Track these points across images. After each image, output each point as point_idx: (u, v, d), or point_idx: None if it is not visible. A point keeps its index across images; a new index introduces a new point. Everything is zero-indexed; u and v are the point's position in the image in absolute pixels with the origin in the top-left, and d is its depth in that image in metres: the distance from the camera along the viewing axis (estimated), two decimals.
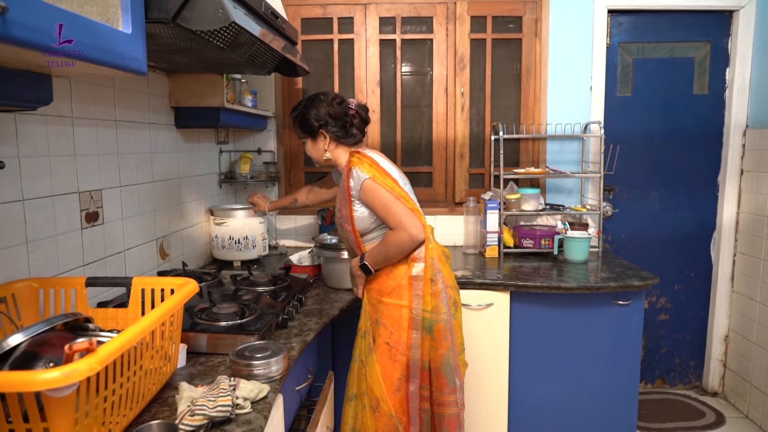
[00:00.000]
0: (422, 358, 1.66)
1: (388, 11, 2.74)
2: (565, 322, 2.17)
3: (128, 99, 1.84)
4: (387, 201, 1.64)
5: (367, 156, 1.72)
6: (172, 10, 1.18)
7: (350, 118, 1.76)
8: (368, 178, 1.65)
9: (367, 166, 1.68)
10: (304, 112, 1.79)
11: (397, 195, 1.65)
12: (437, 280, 1.67)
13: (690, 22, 2.78)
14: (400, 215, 1.63)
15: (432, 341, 1.65)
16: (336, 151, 1.80)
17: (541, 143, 2.80)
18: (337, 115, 1.76)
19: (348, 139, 1.79)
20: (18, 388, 0.75)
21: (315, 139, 1.80)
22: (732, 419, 2.73)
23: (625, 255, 2.91)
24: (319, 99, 1.78)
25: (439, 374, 1.66)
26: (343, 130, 1.77)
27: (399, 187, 1.69)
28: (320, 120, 1.76)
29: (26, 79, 1.05)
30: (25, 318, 1.25)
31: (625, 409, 2.22)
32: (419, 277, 1.66)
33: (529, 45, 2.74)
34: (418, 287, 1.66)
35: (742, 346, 2.80)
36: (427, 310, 1.65)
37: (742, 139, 2.79)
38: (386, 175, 1.69)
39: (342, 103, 1.77)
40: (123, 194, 1.80)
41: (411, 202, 1.70)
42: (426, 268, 1.66)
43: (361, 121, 1.80)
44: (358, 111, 1.78)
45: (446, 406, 1.67)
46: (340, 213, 1.76)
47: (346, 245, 1.89)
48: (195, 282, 1.25)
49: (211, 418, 1.03)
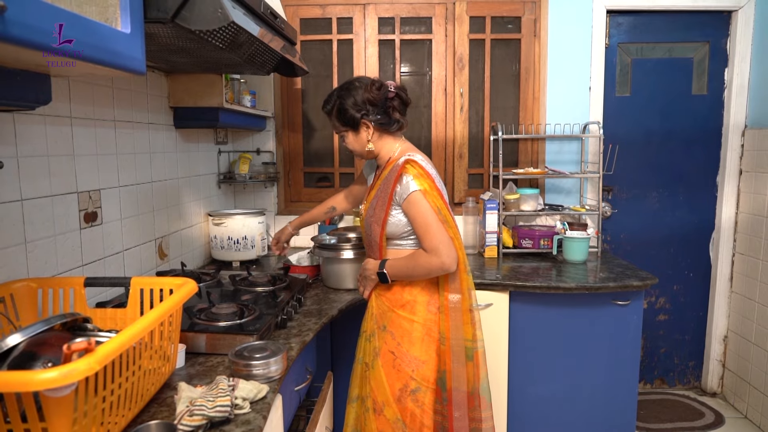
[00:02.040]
0: (467, 387, 1.63)
1: (387, 11, 2.74)
2: (564, 323, 2.17)
3: (127, 99, 1.84)
4: (429, 221, 1.53)
5: (422, 167, 1.59)
6: (171, 9, 1.18)
7: (391, 102, 1.63)
8: (418, 190, 1.54)
9: (421, 178, 1.56)
10: (340, 103, 1.64)
11: (442, 218, 1.55)
12: (475, 310, 1.64)
13: (689, 22, 2.78)
14: (438, 240, 1.53)
15: (474, 368, 1.64)
16: (380, 141, 1.67)
17: (540, 143, 2.80)
18: (377, 101, 1.61)
19: (392, 126, 1.65)
20: (16, 388, 0.75)
21: (357, 130, 1.66)
22: (731, 419, 2.73)
23: (624, 255, 2.91)
24: (354, 86, 1.64)
25: (479, 396, 1.65)
26: (386, 117, 1.63)
27: (447, 210, 1.59)
28: (360, 109, 1.62)
29: (25, 78, 1.05)
30: (23, 318, 1.25)
31: (625, 410, 2.22)
32: (457, 308, 1.61)
33: (528, 45, 2.75)
34: (456, 318, 1.61)
35: (741, 347, 2.80)
36: (468, 339, 1.62)
37: (740, 140, 2.79)
38: (438, 192, 1.58)
39: (381, 87, 1.62)
40: (122, 194, 1.80)
41: (454, 229, 1.60)
42: (463, 299, 1.62)
43: (402, 103, 1.65)
44: (397, 93, 1.63)
45: (484, 421, 1.66)
46: (373, 211, 1.65)
47: (365, 240, 1.77)
48: (194, 282, 1.25)
49: (209, 419, 1.02)
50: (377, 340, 1.66)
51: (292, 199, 2.95)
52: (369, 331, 1.70)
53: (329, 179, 2.94)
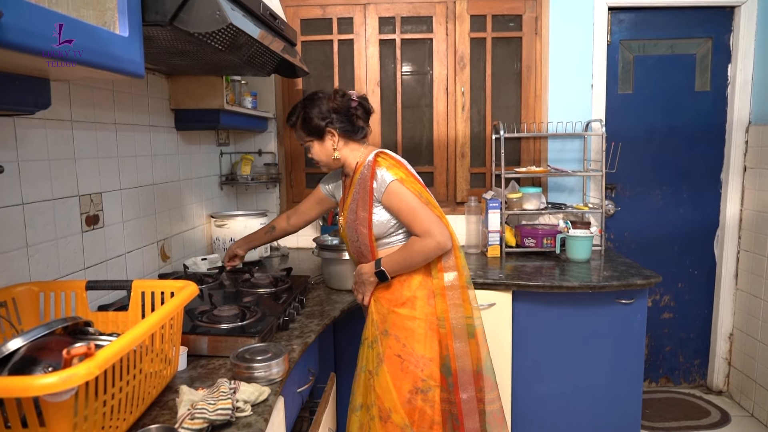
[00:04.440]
0: (471, 366, 1.62)
1: (388, 11, 2.74)
2: (567, 322, 2.16)
3: (128, 102, 1.84)
4: (414, 206, 1.56)
5: (393, 157, 1.65)
6: (169, 12, 1.18)
7: (354, 110, 1.68)
8: (395, 180, 1.57)
9: (395, 168, 1.60)
10: (305, 113, 1.68)
11: (425, 200, 1.59)
12: (471, 286, 1.65)
13: (691, 18, 2.77)
14: (428, 222, 1.55)
15: (476, 345, 1.64)
16: (346, 148, 1.69)
17: (542, 142, 2.79)
18: (341, 109, 1.66)
19: (356, 134, 1.69)
20: (16, 394, 0.75)
21: (322, 139, 1.68)
22: (737, 418, 2.71)
23: (627, 253, 2.90)
24: (318, 97, 1.69)
25: (483, 376, 1.65)
26: (350, 124, 1.67)
27: (427, 192, 1.63)
28: (325, 117, 1.65)
29: (24, 83, 1.05)
30: (25, 322, 1.25)
31: (630, 409, 2.21)
32: (454, 286, 1.62)
33: (530, 43, 2.74)
34: (454, 296, 1.62)
35: (747, 344, 2.78)
36: (469, 316, 1.62)
37: (744, 136, 2.77)
38: (414, 177, 1.62)
39: (344, 95, 1.67)
40: (123, 197, 1.80)
41: (438, 209, 1.63)
42: (459, 276, 1.63)
43: (365, 111, 1.71)
44: (360, 102, 1.69)
45: (491, 402, 1.66)
46: (355, 215, 1.65)
47: (352, 249, 1.74)
48: (195, 285, 1.25)
49: (211, 422, 1.02)
50: (380, 346, 1.64)
51: (294, 200, 2.94)
52: (371, 338, 1.68)
53: None
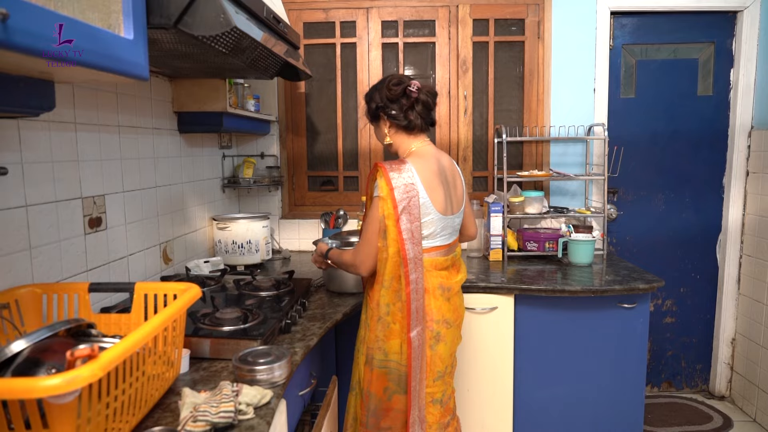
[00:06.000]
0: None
1: (390, 15, 2.75)
2: (569, 326, 2.15)
3: (131, 104, 1.85)
4: (368, 227, 1.58)
5: (387, 175, 1.56)
6: (174, 15, 1.18)
7: (409, 102, 1.63)
8: (378, 196, 1.57)
9: (384, 184, 1.56)
10: (369, 96, 1.72)
11: (381, 227, 1.55)
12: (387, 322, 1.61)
13: (693, 23, 2.77)
14: (363, 247, 1.59)
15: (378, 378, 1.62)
16: (396, 136, 1.69)
17: (544, 146, 2.79)
18: (394, 98, 1.64)
19: (406, 126, 1.66)
20: (20, 395, 0.75)
21: (378, 123, 1.72)
22: (740, 423, 2.70)
23: (629, 258, 2.90)
24: (382, 82, 1.68)
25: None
26: (400, 114, 1.64)
27: (393, 219, 1.54)
28: (379, 103, 1.67)
29: (28, 85, 1.05)
30: (28, 324, 1.25)
31: (632, 413, 2.20)
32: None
33: (532, 47, 2.74)
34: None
35: (750, 349, 2.77)
36: (371, 347, 1.61)
37: (747, 141, 2.77)
38: (393, 203, 1.54)
39: (399, 84, 1.63)
40: (126, 199, 1.80)
41: (393, 246, 1.54)
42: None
43: (423, 106, 1.65)
44: (419, 95, 1.63)
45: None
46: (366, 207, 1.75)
47: None
48: (198, 287, 1.24)
49: (213, 424, 1.02)
50: (363, 329, 1.70)
51: (297, 203, 2.95)
52: (361, 321, 1.75)
53: (333, 183, 2.94)
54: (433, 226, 1.61)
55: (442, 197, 1.62)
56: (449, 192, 1.67)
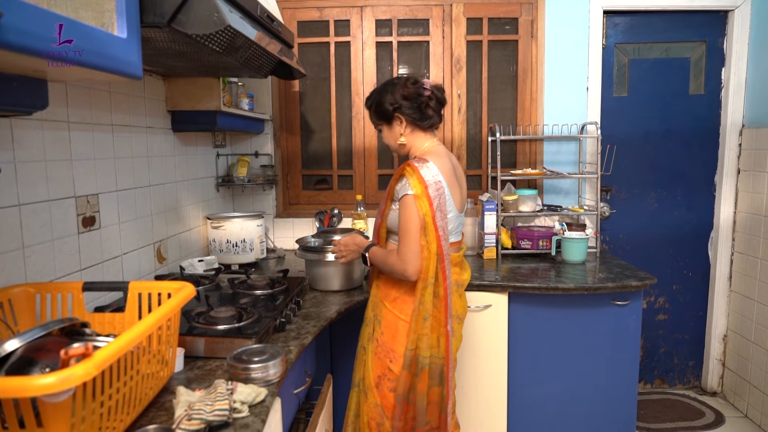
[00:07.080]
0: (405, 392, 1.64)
1: (384, 13, 2.75)
2: (563, 323, 2.17)
3: (124, 103, 1.84)
4: (409, 227, 1.57)
5: (419, 173, 1.59)
6: (167, 14, 1.18)
7: (425, 99, 1.69)
8: (411, 194, 1.58)
9: (417, 182, 1.58)
10: (378, 99, 1.73)
11: (422, 225, 1.57)
12: (427, 319, 1.63)
13: (685, 22, 2.79)
14: (408, 249, 1.57)
15: (423, 379, 1.64)
16: (412, 135, 1.73)
17: (538, 144, 2.80)
18: (411, 96, 1.68)
19: (424, 122, 1.71)
20: (14, 394, 0.75)
21: (391, 123, 1.73)
22: (731, 419, 2.73)
23: (622, 255, 2.91)
24: (392, 83, 1.72)
25: (416, 407, 1.67)
26: (418, 112, 1.69)
27: (431, 217, 1.57)
28: (395, 103, 1.69)
29: (21, 84, 1.05)
30: (21, 323, 1.25)
31: (624, 410, 2.22)
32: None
33: (526, 46, 2.75)
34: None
35: (741, 346, 2.80)
36: (410, 348, 1.62)
37: (738, 139, 2.79)
38: (428, 201, 1.57)
39: (416, 83, 1.70)
40: (120, 198, 1.80)
41: (429, 237, 1.58)
42: (419, 306, 1.63)
43: (437, 102, 1.71)
44: (433, 91, 1.70)
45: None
46: (380, 203, 1.75)
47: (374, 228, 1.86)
48: (192, 286, 1.25)
49: (208, 423, 1.02)
50: (370, 326, 1.73)
51: (291, 202, 2.95)
52: (367, 319, 1.78)
53: (328, 181, 2.94)
54: (452, 223, 1.69)
55: (459, 194, 1.71)
56: (461, 189, 1.75)
